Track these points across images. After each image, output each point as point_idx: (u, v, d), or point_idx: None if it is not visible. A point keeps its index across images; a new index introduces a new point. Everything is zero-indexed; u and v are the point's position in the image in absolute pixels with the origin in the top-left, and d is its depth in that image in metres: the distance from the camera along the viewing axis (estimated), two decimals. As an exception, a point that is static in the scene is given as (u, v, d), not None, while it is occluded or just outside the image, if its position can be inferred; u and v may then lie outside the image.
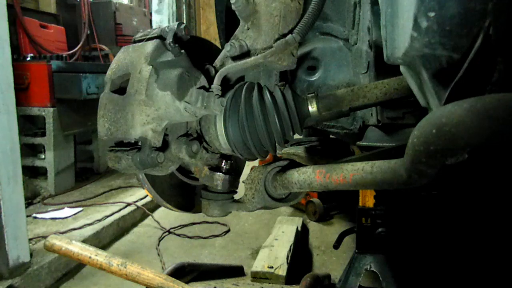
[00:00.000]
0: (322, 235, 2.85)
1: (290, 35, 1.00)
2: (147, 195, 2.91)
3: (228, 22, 1.66)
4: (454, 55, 0.64)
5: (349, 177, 0.84)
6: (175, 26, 1.03)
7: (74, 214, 2.96)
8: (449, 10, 0.60)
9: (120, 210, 3.05)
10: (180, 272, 1.89)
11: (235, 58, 1.08)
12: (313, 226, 3.01)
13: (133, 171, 1.00)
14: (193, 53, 1.07)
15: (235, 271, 2.23)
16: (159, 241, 2.76)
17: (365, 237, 1.74)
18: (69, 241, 1.56)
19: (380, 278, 1.69)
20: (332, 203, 3.16)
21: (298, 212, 3.27)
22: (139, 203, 3.22)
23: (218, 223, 3.02)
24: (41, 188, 3.51)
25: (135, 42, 1.09)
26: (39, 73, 3.42)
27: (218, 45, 1.68)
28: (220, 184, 1.14)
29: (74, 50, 4.91)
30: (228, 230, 2.94)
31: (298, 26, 1.01)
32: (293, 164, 1.10)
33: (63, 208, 3.10)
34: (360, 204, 1.76)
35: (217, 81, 1.04)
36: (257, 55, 1.03)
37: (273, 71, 1.23)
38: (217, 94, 1.02)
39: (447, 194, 1.88)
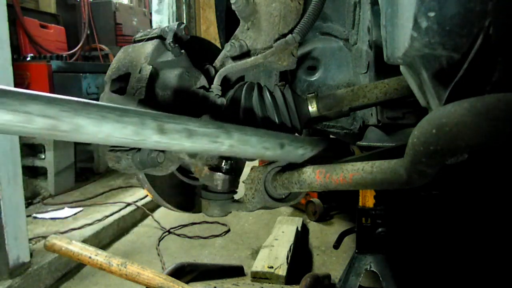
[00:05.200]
0: (322, 235, 2.85)
1: (290, 35, 1.00)
2: (147, 195, 2.91)
3: (228, 22, 1.66)
4: (454, 55, 0.64)
5: (349, 177, 0.84)
6: (175, 26, 1.03)
7: (74, 214, 2.95)
8: (449, 10, 0.60)
9: (120, 210, 3.05)
10: (180, 272, 1.89)
11: (235, 58, 1.08)
12: (313, 226, 3.01)
13: (133, 171, 1.00)
14: (193, 53, 1.08)
15: (235, 271, 2.22)
16: (159, 241, 2.76)
17: (365, 237, 1.73)
18: (69, 241, 1.56)
19: (380, 278, 1.69)
20: (332, 203, 3.16)
21: (298, 212, 3.27)
22: (139, 203, 3.22)
23: (218, 223, 3.02)
24: (41, 188, 3.51)
25: (135, 42, 1.09)
26: (39, 73, 3.42)
27: (218, 45, 1.68)
28: (220, 184, 1.14)
29: (74, 50, 4.91)
30: (228, 230, 2.94)
31: (298, 26, 1.01)
32: (293, 164, 1.10)
33: (63, 208, 3.10)
34: (360, 204, 1.76)
35: (217, 81, 1.04)
36: (257, 55, 1.03)
37: (273, 71, 1.23)
38: (217, 94, 1.02)
39: (447, 194, 1.88)
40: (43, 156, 3.49)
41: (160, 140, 0.70)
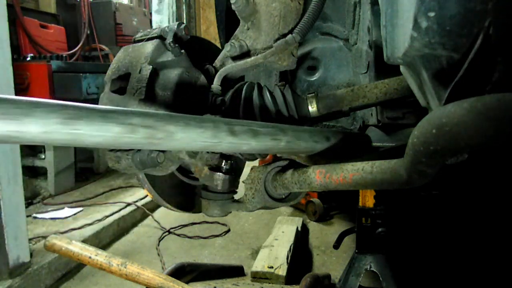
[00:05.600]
0: (322, 235, 2.85)
1: (290, 35, 1.00)
2: (147, 195, 2.90)
3: (228, 22, 1.66)
4: (454, 55, 0.64)
5: (349, 177, 0.84)
6: (175, 26, 1.03)
7: (74, 214, 2.95)
8: (449, 10, 0.60)
9: (120, 210, 3.05)
10: (180, 272, 1.89)
11: (235, 58, 1.08)
12: (313, 226, 3.01)
13: (133, 171, 1.00)
14: (193, 53, 1.08)
15: (235, 271, 2.22)
16: (159, 241, 2.76)
17: (365, 237, 1.73)
18: (69, 241, 1.56)
19: (380, 278, 1.69)
20: (332, 203, 3.16)
21: (298, 212, 3.27)
22: (139, 203, 3.22)
23: (218, 223, 3.02)
24: (41, 188, 3.51)
25: (135, 42, 1.09)
26: (39, 73, 3.42)
27: (218, 45, 1.68)
28: (220, 184, 1.14)
29: (74, 50, 4.90)
30: (228, 230, 2.94)
31: (298, 26, 1.01)
32: (293, 164, 1.10)
33: (63, 208, 3.10)
34: (360, 204, 1.76)
35: (217, 81, 1.04)
36: (257, 55, 1.03)
37: (273, 71, 1.23)
38: (217, 94, 1.02)
39: (447, 194, 1.88)
40: (43, 156, 3.49)
41: (232, 141, 0.76)
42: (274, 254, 2.21)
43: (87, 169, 4.19)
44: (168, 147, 0.69)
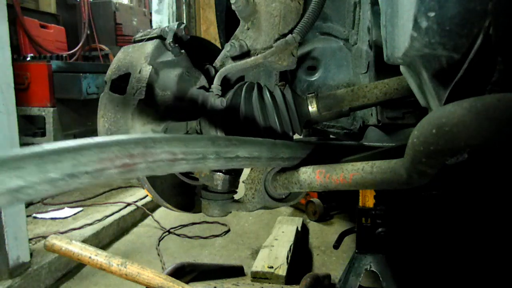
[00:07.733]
0: (322, 235, 2.85)
1: (290, 35, 1.00)
2: (147, 195, 2.91)
3: (228, 22, 1.66)
4: (454, 55, 0.64)
5: (349, 177, 0.84)
6: (175, 26, 1.03)
7: (74, 214, 2.95)
8: (449, 10, 0.60)
9: (120, 210, 3.04)
10: (180, 272, 1.89)
11: (235, 58, 1.08)
12: (313, 226, 3.01)
13: (133, 171, 0.99)
14: (193, 53, 1.08)
15: (235, 271, 2.22)
16: (159, 241, 2.76)
17: (365, 237, 1.73)
18: (69, 241, 1.56)
19: (380, 278, 1.69)
20: (332, 203, 3.16)
21: (298, 212, 3.27)
22: (139, 203, 3.22)
23: (218, 223, 3.02)
24: (41, 188, 3.50)
25: (135, 42, 1.09)
26: (39, 73, 3.42)
27: (218, 45, 1.68)
28: (220, 184, 1.14)
29: (74, 50, 4.91)
30: (228, 230, 2.94)
31: (298, 26, 1.01)
32: (293, 164, 1.10)
33: (63, 208, 3.10)
34: (360, 204, 1.76)
35: (217, 81, 1.04)
36: (257, 55, 1.03)
37: (273, 71, 1.23)
38: (217, 94, 1.02)
39: (447, 194, 1.88)
40: (43, 156, 3.49)
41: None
42: (274, 254, 2.21)
43: (87, 169, 4.18)
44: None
